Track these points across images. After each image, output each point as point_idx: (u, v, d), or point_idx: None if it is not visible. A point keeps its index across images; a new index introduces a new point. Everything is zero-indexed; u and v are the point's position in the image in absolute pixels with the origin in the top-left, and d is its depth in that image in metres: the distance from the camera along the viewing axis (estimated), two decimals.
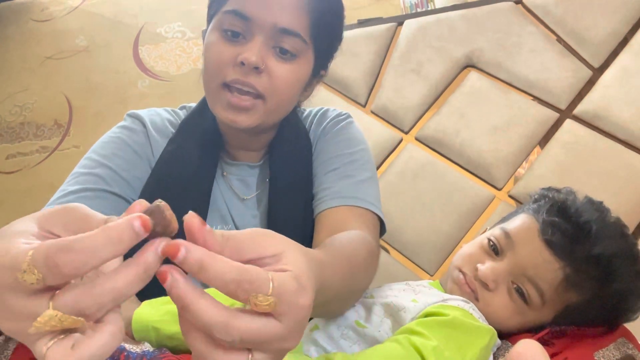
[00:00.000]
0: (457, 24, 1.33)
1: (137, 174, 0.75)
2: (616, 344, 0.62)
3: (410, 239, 1.21)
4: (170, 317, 0.55)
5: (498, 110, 1.26)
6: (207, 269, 0.28)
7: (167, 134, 0.80)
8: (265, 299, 0.29)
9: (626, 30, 1.26)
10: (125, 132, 0.78)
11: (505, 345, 0.66)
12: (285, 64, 0.68)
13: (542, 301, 0.66)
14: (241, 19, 0.66)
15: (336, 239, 0.59)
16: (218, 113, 0.70)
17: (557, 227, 0.66)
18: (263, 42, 0.66)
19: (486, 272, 0.68)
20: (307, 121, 0.86)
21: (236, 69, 0.66)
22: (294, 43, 0.68)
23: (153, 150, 0.78)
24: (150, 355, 0.51)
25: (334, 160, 0.78)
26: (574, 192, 0.73)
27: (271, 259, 0.33)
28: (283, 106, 0.73)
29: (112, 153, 0.74)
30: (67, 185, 0.71)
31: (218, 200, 0.78)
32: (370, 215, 0.73)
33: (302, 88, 0.75)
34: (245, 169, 0.81)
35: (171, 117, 0.83)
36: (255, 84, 0.67)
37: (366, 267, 0.60)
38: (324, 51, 0.75)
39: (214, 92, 0.69)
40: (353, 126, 0.85)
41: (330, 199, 0.73)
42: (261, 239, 0.33)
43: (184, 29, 2.47)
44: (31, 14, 2.63)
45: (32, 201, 2.21)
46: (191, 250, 0.29)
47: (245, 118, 0.68)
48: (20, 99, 2.45)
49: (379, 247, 0.71)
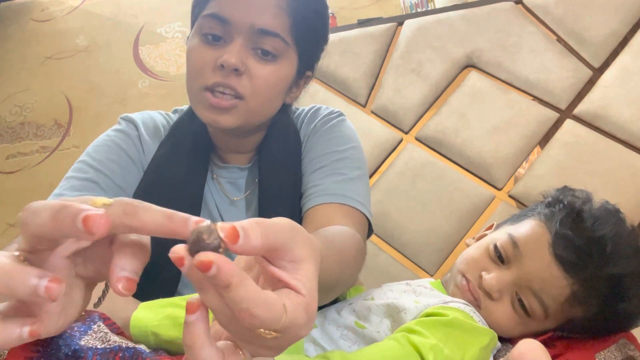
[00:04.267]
0: (457, 24, 1.33)
1: (130, 179, 0.75)
2: (617, 345, 0.62)
3: (410, 239, 1.21)
4: (169, 321, 0.54)
5: (498, 110, 1.26)
6: (233, 291, 0.28)
7: (159, 138, 0.80)
8: (269, 332, 0.29)
9: (626, 30, 1.26)
10: (119, 136, 0.78)
11: (505, 347, 0.66)
12: (266, 65, 0.68)
13: (545, 315, 0.64)
14: (220, 22, 0.67)
15: (328, 231, 0.58)
16: (200, 114, 0.70)
17: (570, 242, 0.62)
18: (242, 44, 0.66)
19: (491, 283, 0.65)
20: (298, 120, 0.86)
21: (217, 72, 0.66)
22: (274, 44, 0.68)
23: (146, 155, 0.78)
24: (146, 354, 0.51)
25: (322, 158, 0.77)
26: (590, 198, 0.68)
27: (290, 263, 0.32)
28: (265, 107, 0.72)
29: (106, 158, 0.75)
30: (62, 189, 0.71)
31: (209, 203, 0.78)
32: (358, 214, 0.72)
33: (286, 88, 0.74)
34: (235, 171, 0.80)
35: (164, 121, 0.84)
36: (236, 85, 0.67)
37: (354, 263, 0.59)
38: (308, 51, 0.75)
39: (196, 96, 0.70)
40: (344, 124, 0.84)
41: (317, 196, 0.72)
42: (294, 240, 0.32)
43: (184, 29, 2.47)
44: (31, 14, 2.63)
45: (32, 201, 2.21)
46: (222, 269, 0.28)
47: (227, 117, 0.68)
48: (21, 99, 2.45)
49: (366, 246, 0.70)
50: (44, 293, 0.27)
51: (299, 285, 0.31)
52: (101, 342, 0.44)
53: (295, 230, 0.33)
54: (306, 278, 0.32)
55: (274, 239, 0.30)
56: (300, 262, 0.32)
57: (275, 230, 0.31)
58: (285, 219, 0.33)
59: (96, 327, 0.46)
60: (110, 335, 0.46)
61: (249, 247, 0.29)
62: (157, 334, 0.54)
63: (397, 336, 0.56)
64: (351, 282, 0.64)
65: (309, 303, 0.31)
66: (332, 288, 0.59)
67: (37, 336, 0.29)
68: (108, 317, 0.50)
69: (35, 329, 0.29)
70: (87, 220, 0.26)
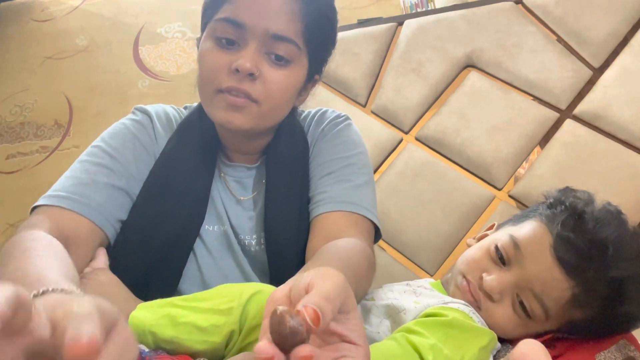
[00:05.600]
0: (457, 24, 1.33)
1: (143, 169, 0.76)
2: (617, 346, 0.62)
3: (410, 239, 1.21)
4: (166, 320, 0.54)
5: (498, 110, 1.26)
6: None
7: (172, 130, 0.81)
8: None
9: (626, 30, 1.26)
10: (135, 125, 0.78)
11: (505, 348, 0.66)
12: (279, 70, 0.68)
13: (545, 317, 0.64)
14: (234, 26, 0.67)
15: (340, 249, 0.59)
16: (215, 116, 0.70)
17: (572, 244, 0.62)
18: (257, 48, 0.67)
19: (492, 284, 0.65)
20: (305, 122, 0.86)
21: (231, 76, 0.67)
22: (288, 49, 0.68)
23: (159, 145, 0.79)
24: (146, 354, 0.51)
25: (330, 164, 0.78)
26: (592, 199, 0.68)
27: (341, 314, 0.34)
28: (277, 111, 0.73)
29: (122, 145, 0.75)
30: (76, 172, 0.71)
31: (215, 200, 0.78)
32: (366, 222, 0.72)
33: (297, 93, 0.75)
34: (242, 170, 0.81)
35: (177, 115, 0.84)
36: (250, 90, 0.67)
37: (367, 280, 0.61)
38: (318, 56, 0.76)
39: (209, 98, 0.70)
40: (351, 128, 0.84)
41: (325, 203, 0.73)
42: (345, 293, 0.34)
43: (184, 29, 2.47)
44: (31, 14, 2.62)
45: (32, 201, 2.20)
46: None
47: (240, 117, 0.68)
48: (21, 99, 2.44)
49: (375, 256, 0.71)
50: None
51: (355, 337, 0.33)
52: None
53: (346, 286, 0.34)
54: (357, 327, 0.34)
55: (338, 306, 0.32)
56: (349, 312, 0.34)
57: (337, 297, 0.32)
58: (338, 277, 0.34)
59: None
60: None
61: (326, 325, 0.30)
62: (154, 333, 0.54)
63: (397, 336, 0.56)
64: (363, 297, 0.65)
65: (367, 352, 0.33)
66: None
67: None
68: None
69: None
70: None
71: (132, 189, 0.74)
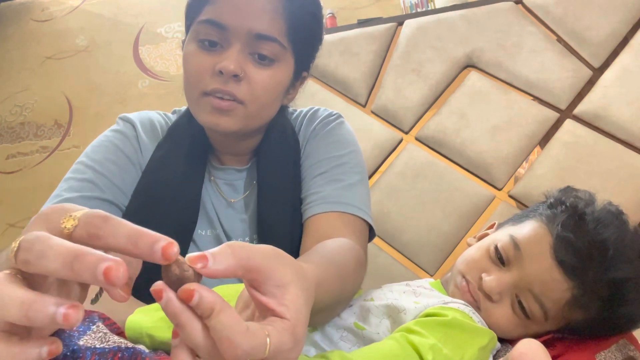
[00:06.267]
0: (457, 24, 1.33)
1: (128, 179, 0.75)
2: (618, 345, 0.61)
3: (410, 239, 1.21)
4: (164, 323, 0.54)
5: (498, 110, 1.26)
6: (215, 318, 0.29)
7: (157, 138, 0.80)
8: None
9: (626, 30, 1.26)
10: (117, 137, 0.78)
11: (505, 347, 0.66)
12: (264, 69, 0.68)
13: (545, 317, 0.64)
14: (217, 27, 0.66)
15: (326, 247, 0.58)
16: (201, 119, 0.70)
17: (572, 245, 0.61)
18: (240, 49, 0.66)
19: (491, 285, 0.65)
20: (296, 122, 0.85)
21: (215, 78, 0.66)
22: (272, 48, 0.67)
23: (143, 155, 0.78)
24: (146, 354, 0.51)
25: (322, 163, 0.77)
26: (593, 200, 0.68)
27: (275, 288, 0.33)
28: (264, 111, 0.73)
29: (104, 158, 0.75)
30: (61, 190, 0.71)
31: (206, 204, 0.77)
32: (359, 221, 0.72)
33: (284, 91, 0.74)
34: (232, 172, 0.80)
35: (162, 121, 0.83)
36: (235, 92, 0.66)
37: (355, 278, 0.60)
38: (304, 53, 0.75)
39: (195, 101, 0.70)
40: (343, 127, 0.83)
41: (318, 204, 0.72)
42: (275, 262, 0.33)
43: (184, 29, 2.47)
44: (31, 14, 2.63)
45: (32, 201, 2.21)
46: (204, 296, 0.29)
47: (227, 119, 0.68)
48: (21, 99, 2.45)
49: (367, 255, 0.70)
50: (62, 320, 0.27)
51: (284, 310, 0.32)
52: (100, 342, 0.44)
53: (278, 254, 0.34)
54: (291, 302, 0.33)
55: (248, 258, 0.31)
56: (285, 286, 0.33)
57: (252, 251, 0.32)
58: (268, 245, 0.34)
59: (95, 327, 0.46)
60: (109, 336, 0.46)
61: (221, 267, 0.30)
62: (151, 335, 0.54)
63: (396, 336, 0.56)
64: (352, 295, 0.65)
65: (295, 326, 0.32)
66: (334, 307, 0.60)
67: (55, 354, 0.29)
68: (108, 317, 0.50)
69: (54, 349, 0.29)
70: (108, 273, 0.27)
71: (118, 199, 0.73)
